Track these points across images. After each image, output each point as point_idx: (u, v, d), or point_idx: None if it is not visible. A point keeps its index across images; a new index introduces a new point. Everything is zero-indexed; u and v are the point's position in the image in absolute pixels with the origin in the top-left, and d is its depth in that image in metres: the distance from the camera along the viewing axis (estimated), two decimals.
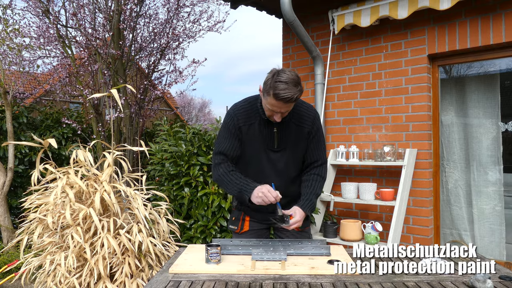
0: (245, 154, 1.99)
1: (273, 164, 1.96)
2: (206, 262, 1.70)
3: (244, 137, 1.95)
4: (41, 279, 2.49)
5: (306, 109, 1.98)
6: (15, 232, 3.12)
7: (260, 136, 1.93)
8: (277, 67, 1.79)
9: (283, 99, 1.71)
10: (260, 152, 1.95)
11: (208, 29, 5.56)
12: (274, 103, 1.75)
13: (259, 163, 1.97)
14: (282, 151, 1.96)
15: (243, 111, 1.95)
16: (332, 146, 3.93)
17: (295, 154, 1.98)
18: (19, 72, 5.08)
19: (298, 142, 1.96)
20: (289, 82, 1.70)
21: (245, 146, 1.97)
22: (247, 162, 2.00)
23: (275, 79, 1.72)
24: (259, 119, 1.92)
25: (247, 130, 1.94)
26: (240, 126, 1.93)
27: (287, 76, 1.71)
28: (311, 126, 1.96)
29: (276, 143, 1.94)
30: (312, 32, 4.09)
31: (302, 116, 1.95)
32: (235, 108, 1.99)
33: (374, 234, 3.18)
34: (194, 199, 3.20)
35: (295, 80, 1.72)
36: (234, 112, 1.97)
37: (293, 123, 1.94)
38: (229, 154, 1.97)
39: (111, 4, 4.82)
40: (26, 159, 5.01)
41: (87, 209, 2.35)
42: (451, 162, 3.65)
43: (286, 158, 1.97)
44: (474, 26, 3.21)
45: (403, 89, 3.54)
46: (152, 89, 5.33)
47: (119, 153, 2.65)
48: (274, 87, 1.71)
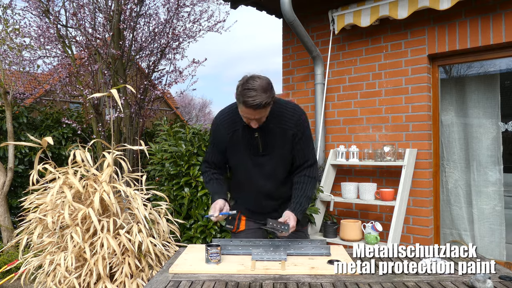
0: (233, 160, 2.02)
1: (260, 168, 1.97)
2: (206, 262, 1.70)
3: (228, 144, 1.97)
4: (40, 279, 2.49)
5: (290, 111, 1.94)
6: (14, 232, 3.12)
7: (244, 142, 1.94)
8: (248, 74, 1.76)
9: (252, 106, 1.70)
10: (245, 157, 1.96)
11: (208, 29, 5.55)
12: (245, 110, 1.75)
13: (246, 168, 1.98)
14: (268, 155, 1.95)
15: (227, 119, 1.97)
16: (332, 146, 3.93)
17: (282, 157, 1.97)
18: (19, 72, 5.08)
19: (283, 145, 1.94)
20: (258, 89, 1.69)
21: (231, 153, 1.99)
22: (236, 167, 2.05)
23: (244, 87, 1.71)
24: (243, 125, 1.91)
25: (231, 137, 1.95)
26: (223, 135, 1.96)
27: (256, 83, 1.70)
28: (296, 128, 1.92)
29: (261, 147, 1.94)
30: (312, 32, 4.09)
31: (285, 119, 1.92)
32: (219, 116, 2.01)
33: (374, 234, 3.18)
34: (194, 199, 3.20)
35: (263, 87, 1.70)
36: (218, 120, 1.99)
37: (275, 126, 1.91)
38: (212, 162, 2.06)
39: (111, 4, 4.82)
40: (26, 159, 5.01)
41: (86, 209, 2.35)
42: (451, 162, 3.65)
43: (273, 161, 1.96)
44: (474, 26, 3.21)
45: (403, 89, 3.54)
46: (152, 89, 5.33)
47: (119, 153, 2.65)
48: (243, 94, 1.70)
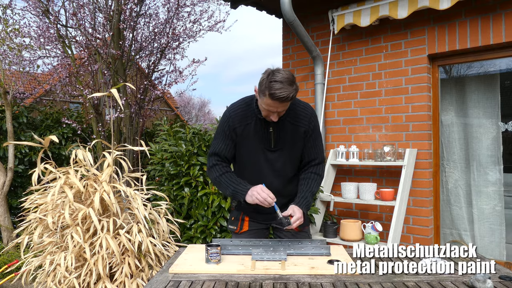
0: (243, 154, 1.99)
1: (270, 164, 1.96)
2: (206, 262, 1.70)
3: (239, 138, 1.95)
4: (41, 279, 2.49)
5: (302, 108, 1.96)
6: (14, 232, 3.12)
7: (256, 136, 1.93)
8: (272, 67, 1.77)
9: (279, 99, 1.70)
10: (257, 152, 1.95)
11: (209, 29, 5.56)
12: (270, 103, 1.75)
13: (256, 163, 1.97)
14: (279, 151, 1.95)
15: (239, 112, 1.95)
16: (332, 146, 3.93)
17: (292, 154, 1.98)
18: (19, 72, 5.08)
19: (294, 142, 1.95)
20: (284, 82, 1.69)
21: (241, 147, 1.97)
22: (244, 162, 2.01)
23: (270, 79, 1.71)
24: (255, 119, 1.92)
25: (242, 130, 1.93)
26: (235, 128, 1.94)
27: (282, 76, 1.70)
28: (308, 125, 1.95)
29: (273, 142, 1.94)
30: (312, 32, 4.09)
31: (298, 115, 1.94)
32: (231, 109, 1.99)
33: (374, 234, 3.18)
34: (194, 199, 3.20)
35: (290, 79, 1.71)
36: (229, 113, 1.97)
37: (288, 122, 1.93)
38: (223, 156, 1.99)
39: (111, 4, 4.82)
40: (26, 159, 5.01)
41: (86, 209, 2.35)
42: (451, 162, 3.65)
43: (283, 157, 1.96)
44: (474, 26, 3.21)
45: (403, 89, 3.54)
46: (152, 89, 5.33)
47: (119, 153, 2.65)
48: (270, 87, 1.70)
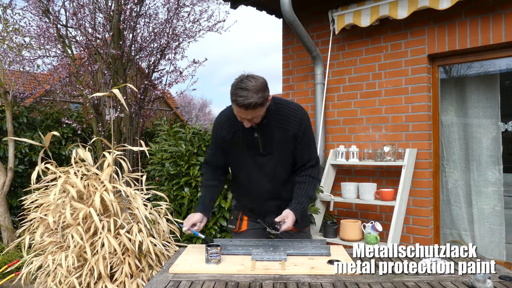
0: (235, 161, 2.03)
1: (261, 168, 1.97)
2: (206, 262, 1.70)
3: (229, 145, 1.98)
4: (41, 279, 2.49)
5: (291, 111, 1.93)
6: (16, 232, 3.12)
7: (245, 142, 1.94)
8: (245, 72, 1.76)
9: (243, 106, 1.71)
10: (247, 157, 1.97)
11: (208, 29, 5.56)
12: (237, 109, 1.76)
13: (248, 168, 1.99)
14: (269, 155, 1.95)
15: (227, 120, 1.97)
16: (332, 146, 3.93)
17: (283, 157, 1.96)
18: (19, 72, 5.08)
19: (284, 145, 1.93)
20: (250, 89, 1.68)
21: (233, 154, 2.00)
22: (237, 168, 2.06)
23: (237, 86, 1.71)
24: (243, 125, 1.90)
25: (231, 138, 1.95)
26: (224, 136, 1.97)
27: (250, 83, 1.70)
28: (298, 128, 1.91)
29: (261, 147, 1.93)
30: (312, 32, 4.09)
31: (287, 118, 1.91)
32: (219, 118, 2.02)
33: (374, 234, 3.18)
34: (194, 199, 3.20)
35: (257, 87, 1.70)
36: (219, 121, 2.01)
37: (275, 126, 1.90)
38: (213, 164, 2.08)
39: (111, 4, 4.82)
40: (26, 159, 5.00)
41: (87, 209, 2.35)
42: (451, 162, 3.65)
43: (274, 161, 1.96)
44: (474, 26, 3.21)
45: (403, 89, 3.54)
46: (152, 89, 5.33)
47: (119, 153, 2.65)
48: (235, 94, 1.71)
